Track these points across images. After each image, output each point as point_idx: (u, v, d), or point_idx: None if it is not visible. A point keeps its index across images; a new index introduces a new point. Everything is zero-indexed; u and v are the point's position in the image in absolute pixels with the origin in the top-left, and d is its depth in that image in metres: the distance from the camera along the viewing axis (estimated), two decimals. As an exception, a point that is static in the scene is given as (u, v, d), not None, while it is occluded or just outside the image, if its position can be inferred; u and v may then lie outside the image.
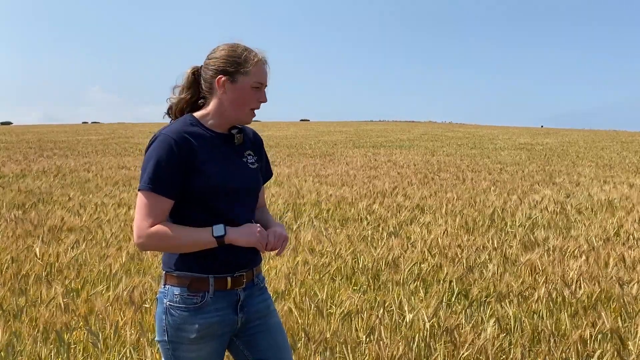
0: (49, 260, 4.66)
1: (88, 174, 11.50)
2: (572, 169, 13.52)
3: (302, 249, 5.04)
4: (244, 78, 1.73)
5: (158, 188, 1.65)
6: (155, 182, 1.65)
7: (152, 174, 1.65)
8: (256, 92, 1.76)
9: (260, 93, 1.77)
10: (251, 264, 1.80)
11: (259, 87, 1.76)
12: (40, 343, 3.13)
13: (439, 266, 4.52)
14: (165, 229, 1.64)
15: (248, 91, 1.74)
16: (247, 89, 1.73)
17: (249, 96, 1.74)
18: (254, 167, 1.84)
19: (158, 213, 1.65)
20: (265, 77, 1.77)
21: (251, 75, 1.73)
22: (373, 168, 13.29)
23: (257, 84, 1.74)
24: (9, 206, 7.52)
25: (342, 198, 8.22)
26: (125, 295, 3.70)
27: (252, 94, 1.75)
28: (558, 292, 3.85)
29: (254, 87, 1.74)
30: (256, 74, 1.74)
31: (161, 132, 1.71)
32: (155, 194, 1.65)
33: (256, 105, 1.77)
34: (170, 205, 1.68)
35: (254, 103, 1.76)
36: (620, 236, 5.79)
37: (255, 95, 1.76)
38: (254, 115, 1.79)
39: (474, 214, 6.95)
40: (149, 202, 1.65)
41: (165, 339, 1.72)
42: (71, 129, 38.91)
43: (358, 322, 3.40)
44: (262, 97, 1.77)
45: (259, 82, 1.75)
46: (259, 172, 1.87)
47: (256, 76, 1.74)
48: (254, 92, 1.75)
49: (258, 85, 1.75)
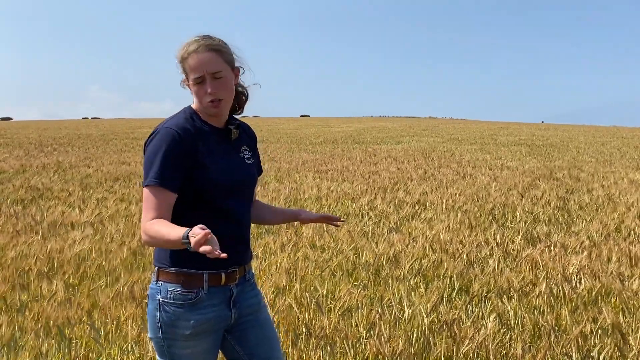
0: (49, 255, 4.67)
1: (88, 170, 11.50)
2: (572, 164, 13.51)
3: (303, 245, 5.04)
4: (188, 76, 1.71)
5: (162, 182, 1.62)
6: (159, 175, 1.62)
7: (159, 168, 1.62)
8: (200, 85, 1.69)
9: (206, 85, 1.68)
10: (244, 259, 1.80)
11: (201, 81, 1.68)
12: (42, 338, 3.14)
13: (439, 262, 4.53)
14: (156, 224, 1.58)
15: (194, 88, 1.70)
16: (192, 87, 1.70)
17: (198, 91, 1.70)
18: (250, 162, 1.84)
19: (162, 207, 1.62)
20: (203, 67, 1.67)
21: (189, 72, 1.69)
22: (373, 164, 13.28)
23: (197, 80, 1.68)
24: (10, 201, 7.52)
25: (343, 193, 8.22)
26: (126, 290, 3.70)
27: (199, 88, 1.69)
28: (559, 288, 3.85)
29: (195, 82, 1.69)
30: (191, 70, 1.68)
31: (163, 126, 1.68)
32: (162, 189, 1.62)
33: (208, 98, 1.69)
34: (174, 199, 1.65)
35: (205, 96, 1.70)
36: (622, 232, 5.79)
37: (202, 89, 1.69)
38: (215, 106, 1.70)
39: (474, 210, 6.94)
40: (153, 197, 1.62)
41: (160, 336, 1.71)
42: (71, 125, 38.87)
43: (358, 317, 3.40)
44: (207, 87, 1.68)
45: (195, 77, 1.68)
46: (254, 167, 1.87)
47: (192, 72, 1.68)
48: (200, 87, 1.69)
49: (197, 80, 1.68)
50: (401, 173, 11.15)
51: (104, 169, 11.63)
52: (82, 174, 10.84)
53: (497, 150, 18.49)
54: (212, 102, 1.69)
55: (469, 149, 18.74)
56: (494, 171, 11.76)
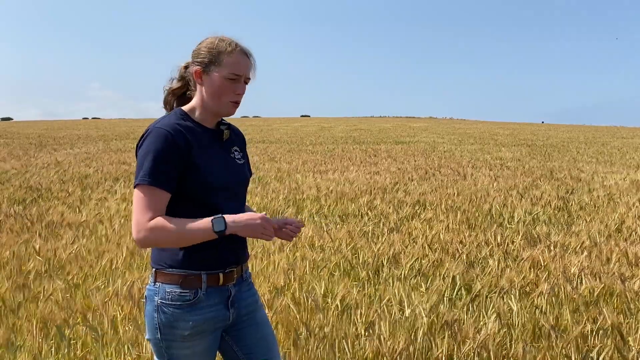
0: (48, 255, 4.65)
1: (88, 170, 11.49)
2: (572, 164, 13.50)
3: (303, 245, 5.03)
4: (219, 69, 1.69)
5: (156, 181, 1.61)
6: (153, 175, 1.60)
7: (150, 167, 1.61)
8: (231, 83, 1.69)
9: (237, 85, 1.70)
10: (241, 259, 1.80)
11: (235, 79, 1.69)
12: (40, 338, 3.12)
13: (440, 262, 4.51)
14: (165, 222, 1.59)
15: (223, 82, 1.69)
16: (222, 81, 1.69)
17: (224, 88, 1.69)
18: (242, 162, 1.84)
19: (157, 207, 1.60)
20: (243, 69, 1.70)
21: (225, 66, 1.68)
22: (373, 164, 13.27)
23: (232, 76, 1.69)
24: (9, 202, 7.51)
25: (342, 194, 8.20)
26: (125, 290, 3.69)
27: (227, 85, 1.69)
28: (560, 288, 3.83)
29: (229, 78, 1.69)
30: (231, 65, 1.68)
31: (154, 126, 1.67)
32: (154, 188, 1.61)
33: (233, 98, 1.71)
34: (168, 199, 1.64)
35: (230, 95, 1.70)
36: (622, 232, 5.77)
37: (231, 87, 1.70)
38: (235, 107, 1.73)
39: (474, 210, 6.93)
40: (147, 196, 1.60)
41: (158, 337, 1.70)
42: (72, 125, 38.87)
43: (357, 316, 3.38)
44: (239, 89, 1.71)
45: (233, 73, 1.68)
46: (245, 167, 1.87)
47: (231, 67, 1.68)
48: (230, 84, 1.69)
49: (233, 77, 1.69)
50: (401, 173, 11.14)
51: (104, 169, 11.63)
52: (82, 173, 10.83)
53: (498, 150, 18.48)
54: (235, 103, 1.72)
55: (469, 149, 18.73)
56: (494, 171, 11.74)
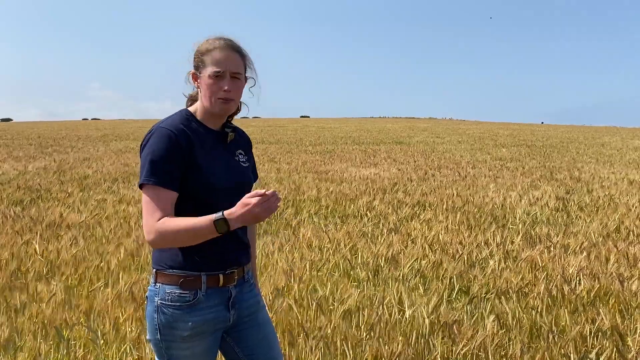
0: (48, 256, 4.66)
1: (88, 170, 11.50)
2: (572, 165, 13.51)
3: (301, 245, 5.03)
4: (204, 69, 1.71)
5: (161, 181, 1.61)
6: (157, 175, 1.61)
7: (153, 167, 1.62)
8: (217, 80, 1.69)
9: (223, 80, 1.69)
10: (242, 260, 1.80)
11: (219, 75, 1.69)
12: (40, 339, 3.13)
13: (439, 262, 4.52)
14: (171, 222, 1.59)
15: (208, 81, 1.70)
16: (207, 80, 1.70)
17: (211, 86, 1.70)
18: (246, 165, 1.84)
19: (164, 206, 1.61)
20: (225, 64, 1.69)
21: (208, 65, 1.70)
22: (373, 165, 13.28)
23: (215, 72, 1.69)
24: (9, 202, 7.52)
25: (342, 194, 8.21)
26: (125, 291, 3.70)
27: (213, 83, 1.69)
28: (558, 289, 3.84)
29: (214, 76, 1.69)
30: (212, 63, 1.69)
31: (158, 126, 1.68)
32: (159, 188, 1.61)
33: (221, 94, 1.70)
34: (175, 198, 1.64)
35: (218, 92, 1.70)
36: (621, 232, 5.78)
37: (217, 84, 1.70)
38: (225, 104, 1.71)
39: (474, 211, 6.94)
40: (153, 198, 1.61)
41: (158, 337, 1.71)
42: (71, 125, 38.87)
43: (358, 318, 3.39)
44: (224, 84, 1.69)
45: (215, 70, 1.69)
46: (249, 170, 1.87)
47: (212, 65, 1.69)
48: (216, 81, 1.69)
49: (217, 74, 1.69)
50: (401, 174, 11.15)
51: (103, 170, 11.63)
52: (82, 174, 10.84)
53: (497, 150, 18.49)
54: (224, 100, 1.71)
55: (469, 150, 18.74)
56: (494, 172, 11.75)
